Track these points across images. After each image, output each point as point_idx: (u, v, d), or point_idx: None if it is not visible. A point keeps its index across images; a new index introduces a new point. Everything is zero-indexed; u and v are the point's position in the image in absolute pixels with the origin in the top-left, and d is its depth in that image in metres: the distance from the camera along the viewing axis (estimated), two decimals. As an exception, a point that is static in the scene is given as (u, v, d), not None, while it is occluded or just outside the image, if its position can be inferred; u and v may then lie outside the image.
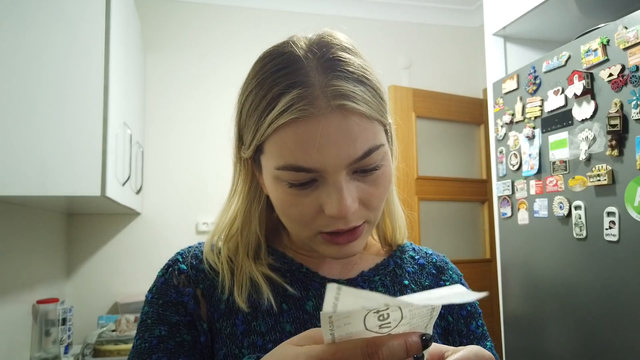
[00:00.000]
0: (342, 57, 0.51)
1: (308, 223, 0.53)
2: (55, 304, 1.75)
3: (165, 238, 2.50)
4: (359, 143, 0.49)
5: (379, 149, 0.51)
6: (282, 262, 0.61)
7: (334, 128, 0.48)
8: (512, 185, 1.75)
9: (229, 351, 0.55)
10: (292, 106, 0.48)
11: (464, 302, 0.35)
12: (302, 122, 0.48)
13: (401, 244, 0.69)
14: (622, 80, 1.30)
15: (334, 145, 0.48)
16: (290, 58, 0.51)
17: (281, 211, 0.54)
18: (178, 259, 0.61)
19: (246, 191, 0.60)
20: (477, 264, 2.88)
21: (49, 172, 1.21)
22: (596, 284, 1.39)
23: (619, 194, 1.31)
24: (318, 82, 0.49)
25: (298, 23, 2.79)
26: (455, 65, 3.12)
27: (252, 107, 0.52)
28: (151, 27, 2.60)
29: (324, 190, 0.51)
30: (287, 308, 0.58)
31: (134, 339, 0.58)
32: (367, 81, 0.52)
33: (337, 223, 0.52)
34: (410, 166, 2.73)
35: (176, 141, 2.58)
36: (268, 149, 0.52)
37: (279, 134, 0.49)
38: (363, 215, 0.53)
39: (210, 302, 0.58)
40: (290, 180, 0.51)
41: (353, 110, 0.49)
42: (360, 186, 0.52)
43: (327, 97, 0.48)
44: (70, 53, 1.28)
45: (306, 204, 0.51)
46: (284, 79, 0.49)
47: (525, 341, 1.68)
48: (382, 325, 0.36)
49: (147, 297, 0.60)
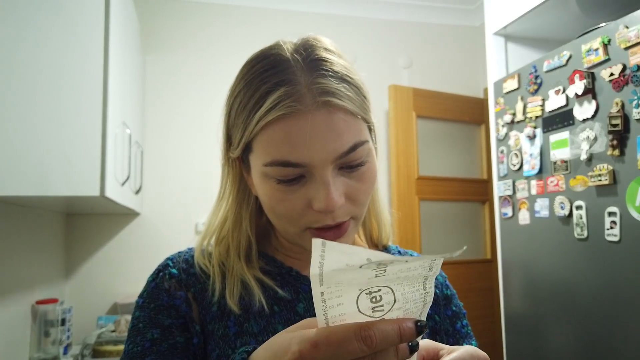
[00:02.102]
0: (326, 57, 0.53)
1: (296, 219, 0.54)
2: (54, 305, 1.75)
3: (164, 238, 2.50)
4: (345, 138, 0.51)
5: (364, 145, 0.53)
6: (273, 266, 0.62)
7: (320, 124, 0.50)
8: (513, 185, 1.74)
9: (222, 352, 0.56)
10: (280, 103, 0.50)
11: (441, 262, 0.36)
12: (290, 118, 0.50)
13: (386, 244, 0.71)
14: (623, 79, 1.29)
15: (320, 140, 0.50)
16: (277, 59, 0.53)
17: (270, 208, 0.55)
18: (168, 263, 0.62)
19: (235, 192, 0.61)
20: (478, 264, 2.87)
21: (48, 172, 1.20)
22: (597, 284, 1.39)
23: (620, 194, 1.31)
24: (304, 80, 0.51)
25: (298, 22, 2.78)
26: (456, 64, 3.11)
27: (241, 107, 0.54)
28: (150, 27, 2.59)
29: (312, 186, 0.52)
30: (279, 310, 0.59)
31: (125, 344, 0.58)
32: (351, 80, 0.54)
33: (325, 218, 0.53)
34: (411, 166, 2.73)
35: (175, 141, 2.58)
36: (256, 146, 0.53)
37: (267, 131, 0.51)
38: (349, 211, 0.55)
39: (202, 305, 0.59)
40: (279, 176, 0.52)
41: (338, 107, 0.51)
42: (346, 182, 0.53)
43: (313, 94, 0.50)
44: (69, 53, 1.28)
45: (294, 199, 0.53)
46: (272, 78, 0.51)
47: (526, 341, 1.67)
48: (375, 308, 0.36)
49: (138, 302, 0.60)
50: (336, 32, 2.85)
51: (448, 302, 0.69)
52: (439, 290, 0.69)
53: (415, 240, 2.65)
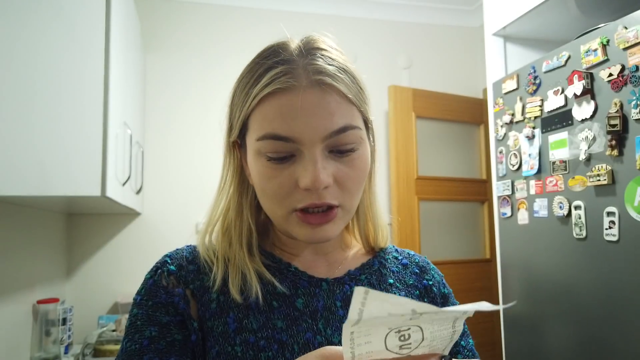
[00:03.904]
0: (325, 47, 0.57)
1: (284, 198, 0.55)
2: (55, 304, 1.75)
3: (165, 238, 2.50)
4: (336, 118, 0.53)
5: (355, 130, 0.55)
6: (271, 261, 0.63)
7: (312, 100, 0.52)
8: (512, 185, 1.75)
9: (222, 349, 0.56)
10: (276, 79, 0.53)
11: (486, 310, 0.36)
12: (284, 93, 0.53)
13: (384, 246, 0.71)
14: (622, 80, 1.30)
15: (311, 117, 0.52)
16: (280, 47, 0.57)
17: (261, 189, 0.57)
18: (166, 260, 0.62)
19: (236, 182, 0.63)
20: (477, 263, 2.88)
21: (49, 172, 1.21)
22: (596, 283, 1.39)
23: (618, 194, 1.31)
24: (302, 62, 0.54)
25: (298, 23, 2.79)
26: (455, 65, 3.12)
27: (242, 87, 0.58)
28: (151, 26, 2.60)
29: (300, 164, 0.54)
30: (278, 305, 0.59)
31: (122, 342, 0.58)
32: (347, 69, 0.56)
33: (310, 196, 0.54)
34: (410, 166, 2.73)
35: (176, 141, 2.58)
36: (252, 123, 0.56)
37: (263, 105, 0.54)
38: (337, 196, 0.56)
39: (201, 302, 0.59)
40: (270, 152, 0.54)
41: (332, 87, 0.53)
42: (336, 165, 0.55)
43: (308, 73, 0.53)
44: (70, 53, 1.28)
45: (283, 177, 0.54)
46: (272, 59, 0.55)
47: (525, 340, 1.68)
48: (403, 346, 0.36)
49: (136, 300, 0.60)
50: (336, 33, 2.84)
51: (445, 300, 0.70)
52: (437, 289, 0.70)
53: (415, 240, 2.66)
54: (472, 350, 0.67)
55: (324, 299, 0.60)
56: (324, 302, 0.60)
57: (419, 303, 0.33)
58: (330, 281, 0.62)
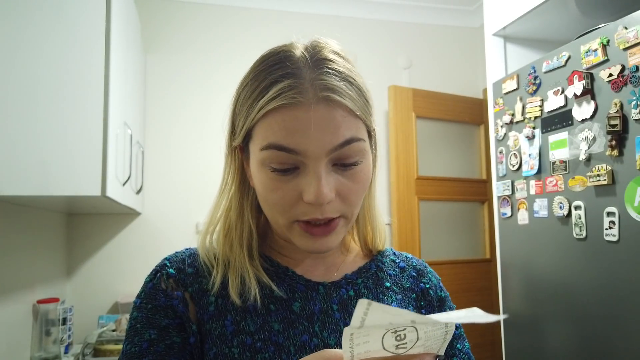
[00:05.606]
0: (331, 58, 0.56)
1: (287, 209, 0.55)
2: (55, 304, 1.75)
3: (165, 238, 2.50)
4: (341, 131, 0.53)
5: (359, 142, 0.55)
6: (270, 265, 0.63)
7: (318, 116, 0.52)
8: (512, 185, 1.75)
9: (220, 350, 0.56)
10: (282, 94, 0.52)
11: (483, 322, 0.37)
12: (290, 108, 0.52)
13: (382, 249, 0.71)
14: (622, 80, 1.30)
15: (317, 132, 0.52)
16: (286, 55, 0.56)
17: (263, 198, 0.57)
18: (166, 263, 0.62)
19: (237, 183, 0.63)
20: (477, 263, 2.88)
21: (49, 172, 1.21)
22: (596, 283, 1.39)
23: (618, 194, 1.31)
24: (308, 76, 0.54)
25: (299, 24, 2.79)
26: (455, 65, 3.12)
27: (246, 96, 0.57)
28: (151, 27, 2.60)
29: (304, 178, 0.54)
30: (275, 308, 0.59)
31: (123, 344, 0.59)
32: (353, 81, 0.56)
33: (314, 211, 0.54)
34: (410, 166, 2.73)
35: (176, 141, 2.59)
36: (256, 133, 0.55)
37: (268, 118, 0.53)
38: (340, 209, 0.56)
39: (199, 305, 0.59)
40: (273, 162, 0.54)
41: (338, 103, 0.53)
42: (339, 179, 0.55)
43: (315, 89, 0.53)
44: (70, 53, 1.28)
45: (286, 189, 0.54)
46: (278, 71, 0.54)
47: (525, 340, 1.68)
48: (399, 345, 0.38)
49: (136, 303, 0.61)
50: (337, 33, 2.84)
51: (442, 304, 0.70)
52: (433, 292, 0.70)
53: (415, 240, 2.66)
54: (467, 353, 0.67)
55: (321, 303, 0.61)
56: (321, 306, 0.61)
57: (419, 315, 0.35)
58: (327, 285, 0.63)
